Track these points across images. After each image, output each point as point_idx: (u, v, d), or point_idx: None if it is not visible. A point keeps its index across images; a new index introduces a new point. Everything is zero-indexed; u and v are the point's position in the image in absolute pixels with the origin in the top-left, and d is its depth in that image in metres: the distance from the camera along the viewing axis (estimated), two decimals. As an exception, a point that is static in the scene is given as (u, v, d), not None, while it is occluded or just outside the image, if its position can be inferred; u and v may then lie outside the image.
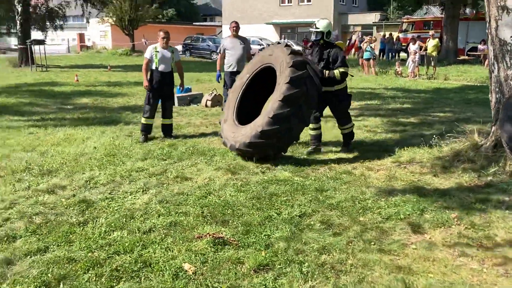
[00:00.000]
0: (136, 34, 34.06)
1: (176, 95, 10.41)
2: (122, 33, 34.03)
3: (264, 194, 4.58)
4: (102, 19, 32.87)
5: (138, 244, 3.47)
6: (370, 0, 44.51)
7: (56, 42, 41.37)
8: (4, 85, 14.20)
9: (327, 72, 5.81)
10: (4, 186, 4.81)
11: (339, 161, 5.76)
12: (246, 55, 7.94)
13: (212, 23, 52.82)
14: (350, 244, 3.55)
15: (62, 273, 3.04)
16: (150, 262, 3.21)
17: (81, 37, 41.10)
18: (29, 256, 3.28)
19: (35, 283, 2.91)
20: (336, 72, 5.83)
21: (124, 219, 3.95)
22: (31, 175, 5.18)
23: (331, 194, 4.61)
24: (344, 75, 5.91)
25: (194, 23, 48.18)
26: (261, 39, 33.84)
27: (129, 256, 3.29)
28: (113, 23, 33.60)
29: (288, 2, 40.15)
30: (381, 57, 24.85)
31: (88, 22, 28.70)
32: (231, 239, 3.59)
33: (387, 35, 25.95)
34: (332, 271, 3.15)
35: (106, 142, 6.68)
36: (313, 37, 5.96)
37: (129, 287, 2.90)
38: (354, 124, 6.42)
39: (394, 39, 25.67)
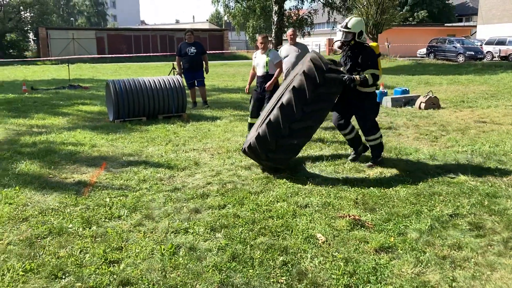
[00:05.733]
0: (380, 37, 34.53)
1: (391, 97, 10.67)
2: (367, 37, 35.05)
3: (426, 192, 4.68)
4: (348, 25, 34.50)
5: (290, 214, 4.17)
6: None
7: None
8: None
9: (357, 77, 5.30)
10: (218, 160, 6.15)
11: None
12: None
13: (466, 24, 49.04)
14: (488, 246, 3.47)
15: (225, 223, 3.98)
16: (292, 228, 3.87)
17: (330, 42, 43.79)
18: (210, 209, 4.34)
19: (205, 226, 3.91)
20: (368, 75, 5.34)
21: (290, 194, 4.71)
22: (239, 154, 6.42)
23: (500, 201, 4.39)
24: (375, 78, 5.40)
25: (445, 24, 45.70)
26: (521, 39, 30.06)
27: (278, 221, 4.02)
28: (359, 27, 34.87)
29: None
30: None
31: (333, 28, 30.63)
32: (369, 223, 3.95)
33: None
34: (451, 264, 3.22)
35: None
36: (342, 38, 5.49)
37: (267, 241, 3.62)
38: (382, 135, 5.77)
39: None
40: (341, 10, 27.10)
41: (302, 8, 28.82)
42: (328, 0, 27.25)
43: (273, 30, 24.21)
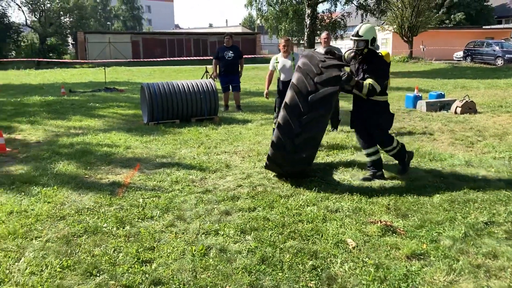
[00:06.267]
0: (415, 40, 33.94)
1: (426, 101, 10.48)
2: (402, 40, 34.45)
3: (460, 199, 4.58)
4: (382, 27, 34.02)
5: (320, 218, 4.16)
6: None
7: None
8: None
9: (355, 79, 4.99)
10: (248, 163, 6.19)
11: None
12: None
13: (506, 26, 47.51)
14: (526, 257, 3.37)
15: (255, 226, 4.00)
16: (322, 232, 3.86)
17: (364, 45, 43.15)
18: (240, 212, 4.37)
19: (236, 228, 3.95)
20: (366, 83, 5.00)
21: (320, 198, 4.69)
22: (270, 157, 6.44)
23: (539, 210, 4.25)
24: (371, 90, 5.01)
25: (484, 27, 44.42)
26: None
27: (308, 225, 4.02)
28: (393, 30, 34.35)
29: None
30: None
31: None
32: (400, 229, 3.89)
33: None
34: (486, 273, 3.15)
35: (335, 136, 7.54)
36: (354, 47, 5.16)
37: (296, 244, 3.63)
38: (399, 142, 5.43)
39: None
40: (375, 12, 26.78)
41: (335, 11, 28.63)
42: (362, 2, 26.98)
43: (306, 33, 24.17)
